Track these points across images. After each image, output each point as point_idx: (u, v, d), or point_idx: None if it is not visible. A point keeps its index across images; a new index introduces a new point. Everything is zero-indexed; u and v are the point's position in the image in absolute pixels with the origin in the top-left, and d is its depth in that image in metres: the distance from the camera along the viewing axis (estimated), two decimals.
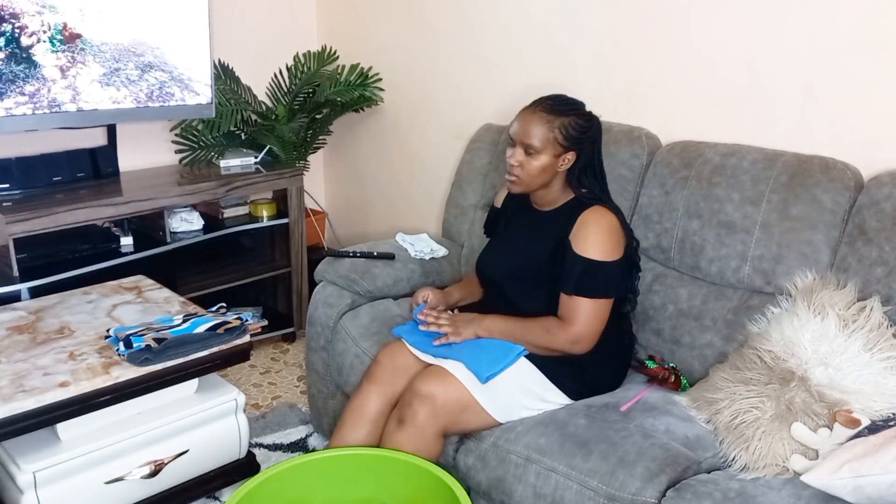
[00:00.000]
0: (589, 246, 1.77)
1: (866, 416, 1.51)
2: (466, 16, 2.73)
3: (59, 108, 2.43)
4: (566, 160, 1.82)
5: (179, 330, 1.86)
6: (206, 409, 1.92)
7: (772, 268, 1.86)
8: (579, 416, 1.73)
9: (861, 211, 1.77)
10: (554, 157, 1.80)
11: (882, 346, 1.59)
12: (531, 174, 1.81)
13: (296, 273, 2.98)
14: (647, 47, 2.25)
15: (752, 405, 1.63)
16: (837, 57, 1.89)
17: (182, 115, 2.82)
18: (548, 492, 1.62)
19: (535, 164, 1.80)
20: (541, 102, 1.83)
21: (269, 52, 3.16)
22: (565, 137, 1.79)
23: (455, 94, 2.85)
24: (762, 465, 1.56)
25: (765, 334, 1.74)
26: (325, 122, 3.14)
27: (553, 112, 1.80)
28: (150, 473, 1.82)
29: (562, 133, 1.79)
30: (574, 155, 1.82)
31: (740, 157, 1.95)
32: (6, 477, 1.69)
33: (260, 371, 2.86)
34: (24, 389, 1.63)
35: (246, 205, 2.96)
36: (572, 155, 1.82)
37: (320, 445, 2.37)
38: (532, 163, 1.80)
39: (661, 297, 2.03)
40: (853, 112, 1.89)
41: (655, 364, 1.93)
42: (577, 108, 1.84)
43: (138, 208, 2.51)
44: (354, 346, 2.10)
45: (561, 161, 1.82)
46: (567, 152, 1.81)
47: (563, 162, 1.82)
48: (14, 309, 2.06)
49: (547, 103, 1.82)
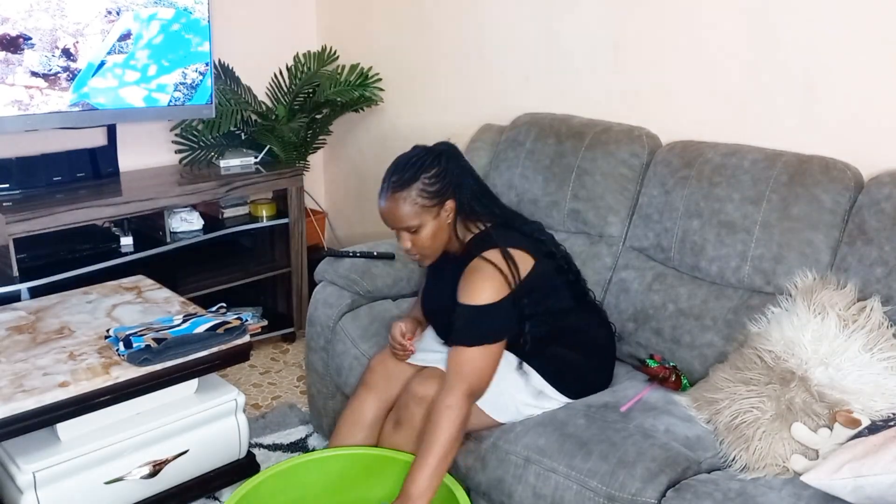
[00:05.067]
0: (468, 293, 1.69)
1: (866, 417, 1.51)
2: (466, 16, 2.73)
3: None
4: (448, 210, 1.74)
5: (179, 330, 1.86)
6: (206, 410, 1.92)
7: (772, 268, 1.85)
8: (579, 417, 1.73)
9: (861, 211, 1.77)
10: (435, 219, 1.73)
11: (882, 346, 1.59)
12: (429, 246, 1.75)
13: (296, 273, 2.98)
14: (647, 47, 2.25)
15: (752, 405, 1.63)
16: (837, 57, 1.89)
17: (182, 116, 2.82)
18: (547, 492, 1.62)
19: (424, 236, 1.73)
20: (388, 186, 1.73)
21: (269, 52, 3.16)
22: (429, 197, 1.71)
23: (455, 94, 2.85)
24: (762, 465, 1.56)
25: (765, 334, 1.74)
26: (325, 122, 3.14)
27: (402, 187, 1.70)
28: (149, 473, 1.82)
29: (423, 198, 1.71)
30: (452, 202, 1.74)
31: (740, 157, 1.95)
32: (6, 477, 1.69)
33: (260, 371, 2.86)
34: (24, 389, 1.63)
35: (246, 205, 2.96)
36: (450, 203, 1.74)
37: (320, 445, 2.37)
38: (422, 237, 1.74)
39: (662, 296, 2.03)
40: (853, 112, 1.89)
41: (656, 363, 1.92)
42: (419, 164, 1.73)
43: (138, 208, 2.51)
44: (354, 347, 2.10)
45: (444, 215, 1.74)
46: (443, 204, 1.73)
47: (447, 213, 1.74)
48: (14, 309, 2.06)
49: (393, 182, 1.72)
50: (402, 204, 1.71)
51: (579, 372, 1.85)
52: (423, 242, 1.75)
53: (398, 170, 1.74)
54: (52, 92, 2.41)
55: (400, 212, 1.72)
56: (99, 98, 2.52)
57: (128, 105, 2.60)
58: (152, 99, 2.65)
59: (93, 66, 2.48)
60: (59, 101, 2.44)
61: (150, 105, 2.65)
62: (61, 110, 2.46)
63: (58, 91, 2.43)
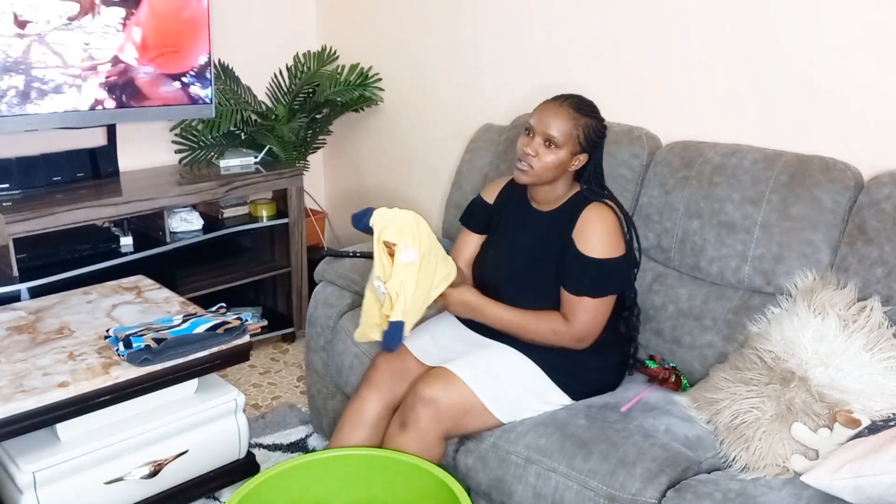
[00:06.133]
0: (593, 245, 1.78)
1: (866, 417, 1.51)
2: (466, 16, 2.73)
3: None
4: (578, 160, 1.82)
5: (179, 330, 1.85)
6: (206, 410, 1.92)
7: (772, 268, 1.85)
8: (579, 417, 1.73)
9: (861, 211, 1.77)
10: (570, 155, 1.80)
11: (882, 346, 1.59)
12: (545, 167, 1.80)
13: (296, 273, 2.98)
14: (647, 47, 2.25)
15: (752, 405, 1.63)
16: (837, 57, 1.89)
17: (182, 115, 2.82)
18: (548, 492, 1.62)
19: (551, 157, 1.79)
20: (567, 98, 1.81)
21: (269, 52, 3.16)
22: (585, 138, 1.79)
23: (455, 94, 2.85)
24: (762, 465, 1.56)
25: (765, 334, 1.74)
26: (325, 122, 3.14)
27: (579, 110, 1.79)
28: (149, 474, 1.82)
29: (583, 133, 1.79)
30: (586, 157, 1.82)
31: (740, 157, 1.95)
32: (6, 477, 1.69)
33: (260, 371, 2.86)
34: (24, 389, 1.63)
35: (246, 205, 2.96)
36: (585, 157, 1.82)
37: (320, 445, 2.37)
38: (549, 155, 1.79)
39: (662, 296, 2.03)
40: (853, 112, 1.89)
41: (656, 364, 1.92)
42: (597, 111, 1.84)
43: (138, 208, 2.51)
44: (354, 346, 2.10)
45: (574, 160, 1.81)
46: (582, 153, 1.81)
47: (576, 162, 1.82)
48: (14, 309, 2.06)
49: (573, 100, 1.81)
50: (567, 119, 1.78)
51: (589, 375, 1.84)
52: (545, 160, 1.79)
53: (583, 100, 1.83)
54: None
55: (559, 121, 1.77)
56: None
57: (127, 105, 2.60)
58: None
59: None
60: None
61: (150, 106, 2.65)
62: (61, 110, 2.46)
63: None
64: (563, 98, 1.82)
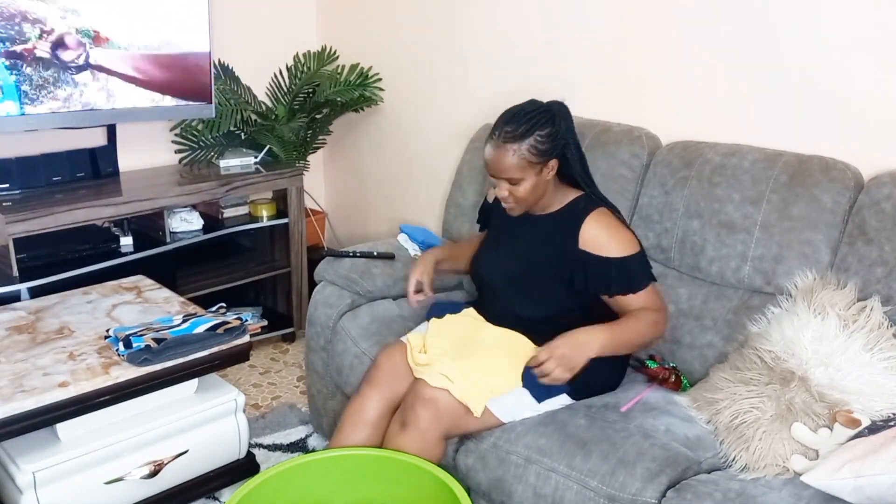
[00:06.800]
0: (617, 246, 1.79)
1: (866, 417, 1.51)
2: (466, 16, 2.73)
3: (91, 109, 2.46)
4: (550, 168, 1.80)
5: (179, 330, 1.85)
6: (206, 410, 1.92)
7: (772, 268, 1.85)
8: (579, 417, 1.73)
9: (861, 211, 1.77)
10: (537, 174, 1.78)
11: (882, 346, 1.59)
12: (525, 197, 1.80)
13: (296, 273, 2.98)
14: (646, 47, 2.25)
15: (752, 405, 1.63)
16: (837, 57, 1.89)
17: (182, 115, 2.82)
18: (548, 492, 1.62)
19: (523, 188, 1.78)
20: (500, 134, 1.75)
21: (269, 52, 3.15)
22: (538, 154, 1.75)
23: (455, 94, 2.85)
24: (762, 465, 1.56)
25: (765, 334, 1.74)
26: (325, 122, 3.14)
27: (514, 140, 1.74)
28: (149, 474, 1.82)
29: (532, 154, 1.74)
30: (555, 160, 1.80)
31: (740, 157, 1.95)
32: (6, 477, 1.69)
33: (260, 371, 2.86)
34: (24, 389, 1.63)
35: (246, 205, 2.96)
36: (554, 161, 1.80)
37: (320, 445, 2.37)
38: (520, 189, 1.78)
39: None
40: (853, 112, 1.88)
41: (656, 364, 1.93)
42: (534, 120, 1.75)
43: (138, 208, 2.51)
44: (354, 346, 2.10)
45: (546, 172, 1.79)
46: (547, 162, 1.78)
47: (548, 171, 1.80)
48: (14, 309, 2.06)
49: (506, 132, 1.75)
50: (510, 156, 1.75)
51: (589, 375, 1.84)
52: (520, 194, 1.79)
53: (512, 121, 1.77)
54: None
55: (506, 163, 1.75)
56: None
57: (128, 105, 2.60)
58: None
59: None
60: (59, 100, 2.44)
61: (150, 105, 2.65)
62: (61, 110, 2.46)
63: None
64: (497, 135, 1.76)
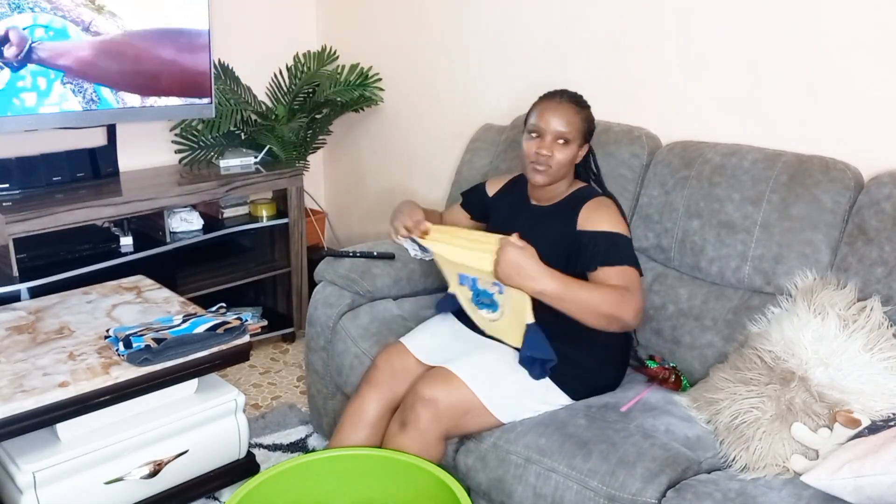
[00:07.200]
0: (609, 224, 1.79)
1: (866, 417, 1.51)
2: (466, 15, 2.74)
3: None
4: (583, 150, 1.87)
5: (179, 330, 1.85)
6: (206, 410, 1.92)
7: (772, 268, 1.85)
8: (579, 417, 1.73)
9: (861, 211, 1.77)
10: (578, 148, 1.84)
11: (882, 346, 1.59)
12: (560, 164, 1.82)
13: (296, 273, 2.98)
14: (647, 47, 2.25)
15: (752, 405, 1.63)
16: (837, 57, 1.89)
17: (182, 115, 2.82)
18: (548, 492, 1.62)
19: (566, 153, 1.81)
20: (562, 94, 1.85)
21: (269, 52, 3.16)
22: (588, 130, 1.85)
23: (455, 94, 2.85)
24: (762, 465, 1.56)
25: (765, 334, 1.74)
26: (325, 122, 3.14)
27: (579, 104, 1.84)
28: (149, 474, 1.82)
29: (587, 125, 1.84)
30: (587, 148, 1.88)
31: (740, 157, 1.95)
32: (6, 477, 1.69)
33: (260, 371, 2.86)
34: (24, 389, 1.63)
35: (246, 205, 2.96)
36: (585, 148, 1.88)
37: (320, 445, 2.37)
38: (563, 152, 1.81)
39: (662, 296, 2.03)
40: (853, 112, 1.89)
41: (656, 364, 1.93)
42: (587, 103, 1.88)
43: (138, 208, 2.51)
44: (354, 346, 2.10)
45: (580, 152, 1.86)
46: (584, 145, 1.86)
47: (581, 153, 1.87)
48: (14, 309, 2.06)
49: (569, 95, 1.85)
50: (576, 115, 1.81)
51: (588, 375, 1.84)
52: (560, 157, 1.81)
53: (573, 92, 1.86)
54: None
55: (568, 117, 1.80)
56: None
57: (128, 105, 2.60)
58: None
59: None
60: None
61: (150, 105, 2.65)
62: (61, 110, 2.46)
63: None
64: (559, 94, 1.85)
